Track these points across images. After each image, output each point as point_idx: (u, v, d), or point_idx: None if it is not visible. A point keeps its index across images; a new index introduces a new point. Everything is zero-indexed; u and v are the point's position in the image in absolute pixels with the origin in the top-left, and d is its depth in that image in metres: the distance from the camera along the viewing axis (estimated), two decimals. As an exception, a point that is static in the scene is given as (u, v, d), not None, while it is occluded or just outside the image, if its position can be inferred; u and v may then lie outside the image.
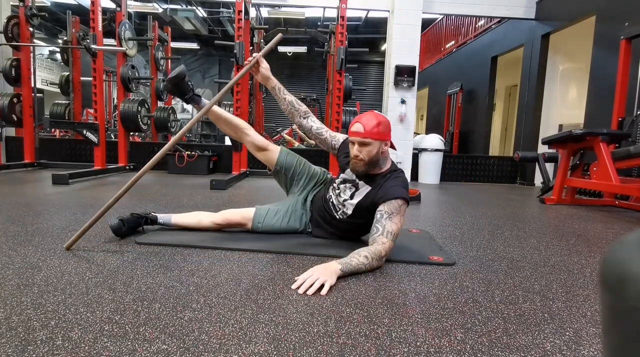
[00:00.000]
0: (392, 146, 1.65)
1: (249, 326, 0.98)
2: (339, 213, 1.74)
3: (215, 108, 1.89)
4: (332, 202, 1.76)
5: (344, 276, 1.34)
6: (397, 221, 1.51)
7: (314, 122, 1.82)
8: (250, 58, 1.78)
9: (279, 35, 1.95)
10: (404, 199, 1.54)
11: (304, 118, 1.82)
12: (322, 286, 1.22)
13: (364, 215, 1.66)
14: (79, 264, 1.39)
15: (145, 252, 1.55)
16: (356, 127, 1.56)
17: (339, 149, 1.78)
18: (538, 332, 1.02)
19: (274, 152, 1.89)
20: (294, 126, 7.78)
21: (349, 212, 1.70)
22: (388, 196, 1.53)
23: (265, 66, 1.78)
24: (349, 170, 1.69)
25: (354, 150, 1.58)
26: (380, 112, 5.92)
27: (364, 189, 1.66)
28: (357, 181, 1.68)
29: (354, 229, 1.78)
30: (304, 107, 1.82)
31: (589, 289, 1.37)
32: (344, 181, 1.72)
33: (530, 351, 0.92)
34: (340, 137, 1.81)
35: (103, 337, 0.89)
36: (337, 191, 1.74)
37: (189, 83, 1.94)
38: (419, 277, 1.41)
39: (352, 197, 1.68)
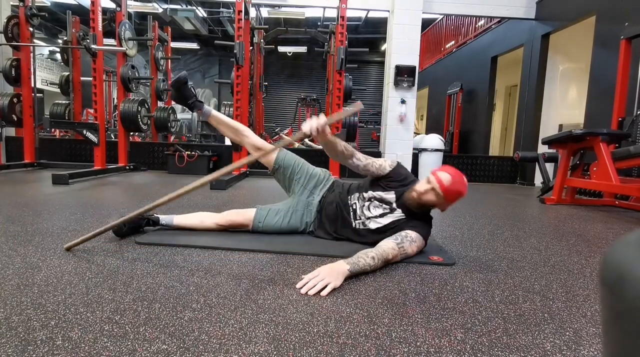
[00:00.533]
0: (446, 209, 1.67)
1: (249, 326, 0.98)
2: (357, 222, 1.74)
3: (216, 114, 1.96)
4: (356, 210, 1.75)
5: (351, 277, 1.34)
6: (414, 249, 1.58)
7: (359, 161, 1.74)
8: (311, 125, 1.53)
9: (359, 104, 1.69)
10: (426, 241, 1.67)
11: (350, 159, 1.74)
12: (324, 287, 1.22)
13: (384, 235, 1.66)
14: (79, 264, 1.39)
15: (145, 252, 1.55)
16: (444, 177, 1.55)
17: (387, 176, 1.74)
18: (538, 332, 1.02)
19: (272, 152, 1.92)
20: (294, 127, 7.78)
21: (372, 227, 1.70)
22: (419, 230, 1.62)
23: (327, 131, 1.59)
24: (392, 192, 1.70)
25: (424, 189, 1.58)
26: (380, 111, 5.91)
27: (399, 216, 1.67)
28: (395, 205, 1.68)
29: (363, 241, 1.75)
30: (350, 150, 1.73)
31: (589, 289, 1.37)
32: (381, 200, 1.71)
33: (530, 351, 0.92)
34: (387, 166, 1.75)
35: (103, 337, 0.89)
36: (366, 203, 1.73)
37: (192, 88, 1.94)
38: (419, 277, 1.41)
39: (382, 216, 1.69)
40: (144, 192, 3.22)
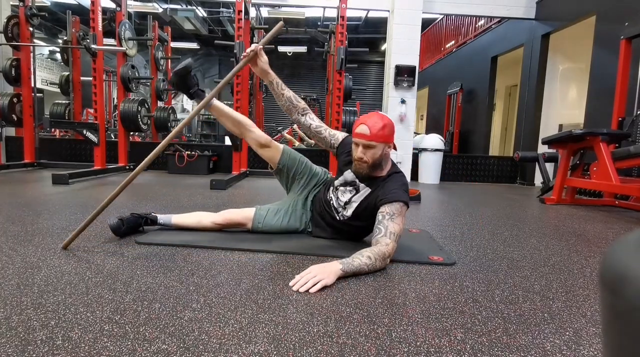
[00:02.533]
0: (394, 147, 1.64)
1: (249, 325, 0.98)
2: (339, 215, 1.74)
3: (218, 104, 1.87)
4: (333, 204, 1.75)
5: (345, 277, 1.34)
6: (399, 222, 1.51)
7: (312, 120, 1.78)
8: (249, 49, 1.69)
9: (280, 23, 1.79)
10: (405, 202, 1.55)
11: (302, 115, 1.77)
12: (315, 285, 1.23)
13: (364, 217, 1.66)
14: (79, 264, 1.39)
15: (145, 252, 1.55)
16: (361, 129, 1.54)
17: (338, 148, 1.76)
18: (538, 332, 1.02)
19: (277, 150, 1.86)
20: (295, 126, 7.79)
21: (348, 214, 1.70)
22: (389, 198, 1.54)
23: (264, 59, 1.71)
24: (349, 171, 1.68)
25: (358, 152, 1.57)
26: (381, 111, 5.92)
27: (364, 191, 1.66)
28: (358, 183, 1.67)
29: (354, 232, 1.77)
30: (302, 104, 1.77)
31: (589, 289, 1.37)
32: (345, 183, 1.71)
33: (530, 351, 0.92)
34: (339, 135, 1.79)
35: (103, 337, 0.89)
36: (337, 193, 1.74)
37: (195, 77, 1.92)
38: (419, 277, 1.41)
39: (351, 199, 1.68)
40: (144, 192, 3.22)
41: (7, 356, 0.81)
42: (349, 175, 1.69)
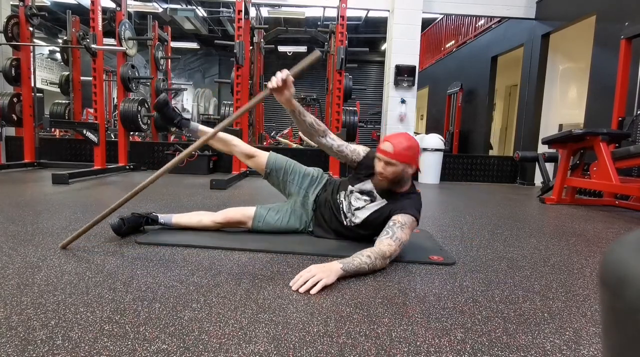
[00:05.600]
0: (418, 169, 1.66)
1: (249, 325, 0.98)
2: (347, 220, 1.74)
3: (205, 129, 2.00)
4: (342, 208, 1.76)
5: (346, 276, 1.34)
6: (407, 233, 1.55)
7: (333, 140, 1.76)
8: (278, 78, 1.54)
9: (317, 54, 1.65)
10: (417, 218, 1.60)
11: (323, 137, 1.75)
12: (315, 284, 1.23)
13: (372, 227, 1.68)
14: (79, 263, 1.39)
15: (146, 252, 1.55)
16: (386, 146, 1.57)
17: (360, 162, 1.76)
18: (538, 332, 1.02)
19: (262, 157, 1.93)
20: (297, 130, 7.76)
21: (357, 221, 1.70)
22: (403, 210, 1.59)
23: (292, 90, 1.59)
24: (369, 182, 1.70)
25: (379, 167, 1.59)
26: (381, 111, 5.92)
27: (380, 202, 1.68)
28: (375, 193, 1.69)
29: (358, 239, 1.77)
30: (322, 126, 1.75)
31: (589, 289, 1.37)
32: (361, 191, 1.72)
33: (530, 351, 0.92)
34: (360, 150, 1.78)
35: (103, 337, 0.89)
36: (350, 198, 1.74)
37: (175, 109, 1.96)
38: (419, 277, 1.41)
39: (365, 206, 1.69)
40: (144, 192, 3.22)
41: (7, 355, 0.81)
42: (368, 185, 1.71)
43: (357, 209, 1.70)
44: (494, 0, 5.48)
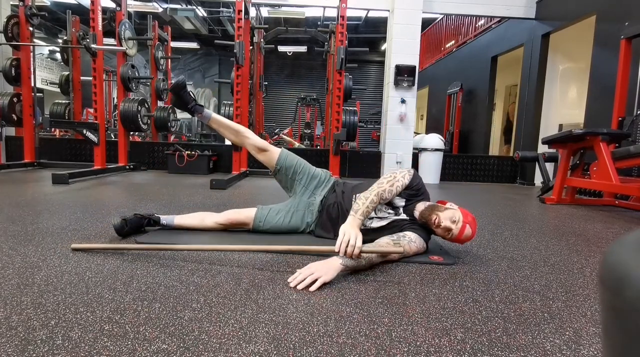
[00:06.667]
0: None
1: (249, 325, 0.98)
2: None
3: (217, 117, 1.97)
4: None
5: (347, 271, 1.34)
6: (412, 247, 1.57)
7: (390, 194, 1.67)
8: (346, 242, 1.35)
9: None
10: (426, 243, 1.66)
11: (385, 199, 1.70)
12: (314, 282, 1.23)
13: (382, 234, 1.67)
14: (79, 263, 1.39)
15: (146, 252, 1.55)
16: (468, 233, 1.57)
17: (408, 186, 1.72)
18: (538, 332, 1.02)
19: (274, 152, 1.93)
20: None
21: (375, 226, 1.70)
22: (418, 232, 1.63)
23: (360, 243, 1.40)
24: (401, 198, 1.72)
25: (445, 231, 1.58)
26: (381, 111, 5.91)
27: (403, 216, 1.70)
28: (401, 210, 1.71)
29: (365, 240, 1.76)
30: (384, 199, 1.67)
31: (589, 288, 1.37)
32: (388, 203, 1.72)
33: (530, 351, 0.92)
34: (400, 177, 1.69)
35: (103, 336, 0.89)
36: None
37: (191, 93, 1.94)
38: (419, 277, 1.41)
39: (386, 218, 1.71)
40: (144, 192, 3.22)
41: (7, 355, 0.81)
42: (399, 201, 1.72)
43: (379, 217, 1.71)
44: (494, 0, 5.48)
